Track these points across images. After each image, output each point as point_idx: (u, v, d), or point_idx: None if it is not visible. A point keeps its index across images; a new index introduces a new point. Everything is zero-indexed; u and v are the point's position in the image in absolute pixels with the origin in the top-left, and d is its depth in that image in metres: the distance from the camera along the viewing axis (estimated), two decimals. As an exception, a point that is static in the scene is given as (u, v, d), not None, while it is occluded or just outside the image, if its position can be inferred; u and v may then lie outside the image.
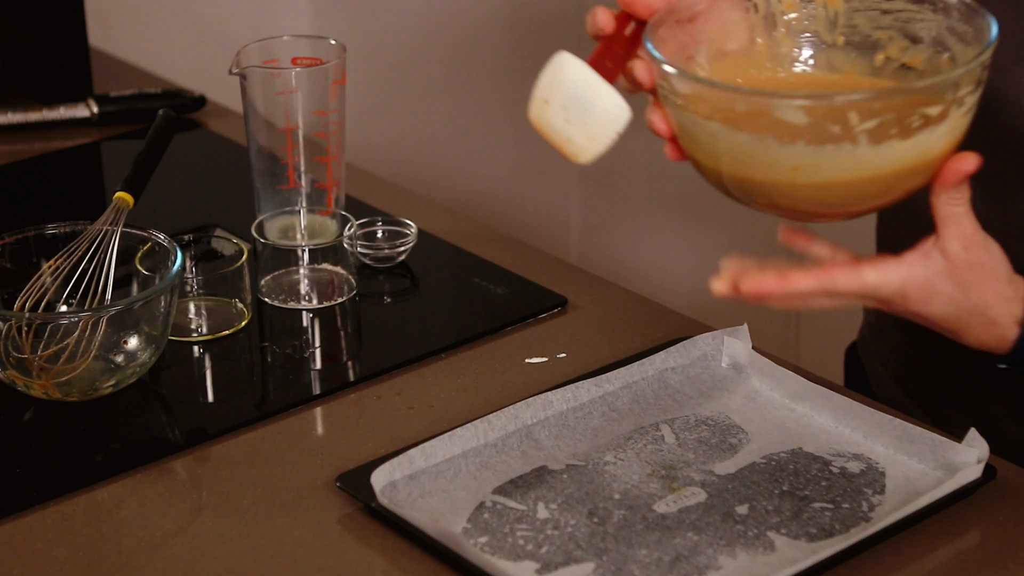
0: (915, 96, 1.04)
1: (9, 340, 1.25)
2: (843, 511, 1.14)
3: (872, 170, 1.05)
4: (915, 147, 1.05)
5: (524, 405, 1.22)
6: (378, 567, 1.11)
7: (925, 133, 1.04)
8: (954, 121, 1.05)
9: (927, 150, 1.05)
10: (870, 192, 1.06)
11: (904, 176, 1.06)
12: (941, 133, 1.05)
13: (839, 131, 1.03)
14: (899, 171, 1.05)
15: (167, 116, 1.52)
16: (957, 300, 1.10)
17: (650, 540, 1.11)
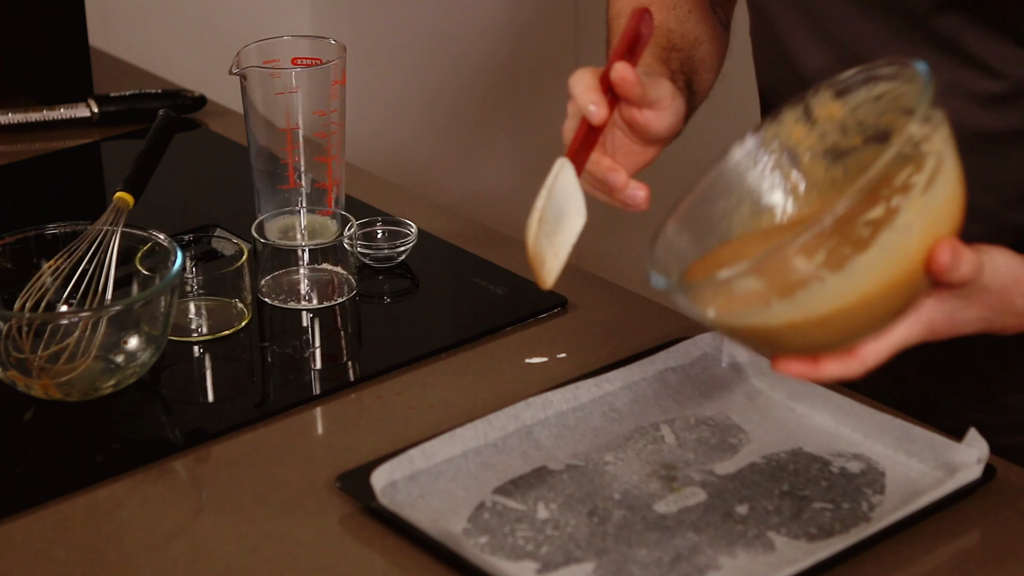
0: (851, 210, 1.01)
1: (9, 340, 1.25)
2: (843, 511, 1.14)
3: (856, 293, 1.01)
4: (883, 252, 1.01)
5: (524, 405, 1.22)
6: (378, 567, 1.11)
7: (885, 234, 1.01)
8: (917, 203, 1.01)
9: (900, 249, 1.02)
10: (873, 312, 1.03)
11: (896, 282, 1.02)
12: (905, 225, 1.01)
13: (798, 278, 1.02)
14: (885, 282, 1.02)
15: (167, 116, 1.52)
16: (985, 317, 1.09)
17: (650, 540, 1.11)
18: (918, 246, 1.02)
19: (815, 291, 1.01)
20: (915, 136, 1.02)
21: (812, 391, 1.23)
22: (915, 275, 1.03)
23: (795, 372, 1.06)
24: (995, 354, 1.35)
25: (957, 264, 1.03)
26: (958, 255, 1.03)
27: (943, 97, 1.06)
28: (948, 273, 1.03)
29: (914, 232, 1.02)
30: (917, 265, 1.02)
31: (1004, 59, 1.23)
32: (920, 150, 1.02)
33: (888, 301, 1.03)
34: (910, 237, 1.02)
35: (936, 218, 1.03)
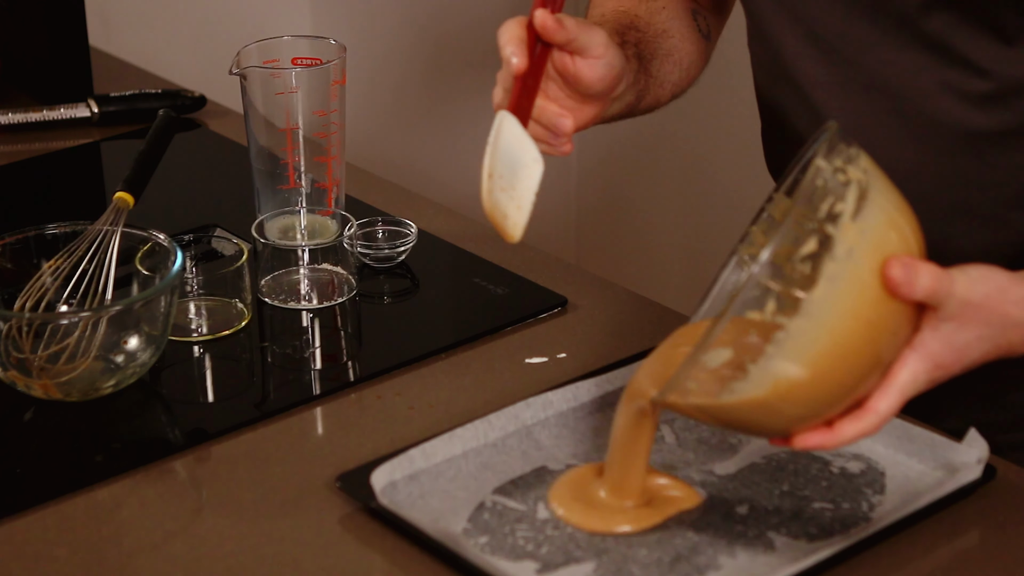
0: (783, 250, 1.03)
1: (9, 340, 1.25)
2: (843, 511, 1.13)
3: (826, 333, 1.02)
4: (833, 283, 1.01)
5: (524, 405, 1.22)
6: (378, 567, 1.11)
7: (828, 265, 1.02)
8: (850, 229, 1.02)
9: (850, 277, 1.02)
10: (862, 354, 1.03)
11: (866, 315, 1.02)
12: (846, 252, 1.02)
13: (757, 338, 1.03)
14: (852, 315, 1.02)
15: (167, 116, 1.52)
16: (985, 335, 1.08)
17: (650, 540, 1.11)
18: (870, 272, 1.02)
19: (785, 341, 1.02)
20: (824, 169, 1.03)
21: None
22: (885, 305, 1.03)
23: (814, 444, 1.06)
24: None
25: (912, 277, 1.03)
26: (911, 268, 1.03)
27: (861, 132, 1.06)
28: (905, 287, 1.03)
29: (859, 257, 1.02)
30: (882, 294, 1.03)
31: (992, 58, 1.23)
32: (836, 180, 1.04)
33: (870, 337, 1.03)
34: (857, 263, 1.02)
35: (880, 242, 1.03)
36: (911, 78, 1.26)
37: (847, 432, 1.06)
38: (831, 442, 1.06)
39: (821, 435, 1.06)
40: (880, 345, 1.04)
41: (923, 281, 1.04)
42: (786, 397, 1.03)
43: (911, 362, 1.06)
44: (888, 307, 1.03)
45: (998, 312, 1.08)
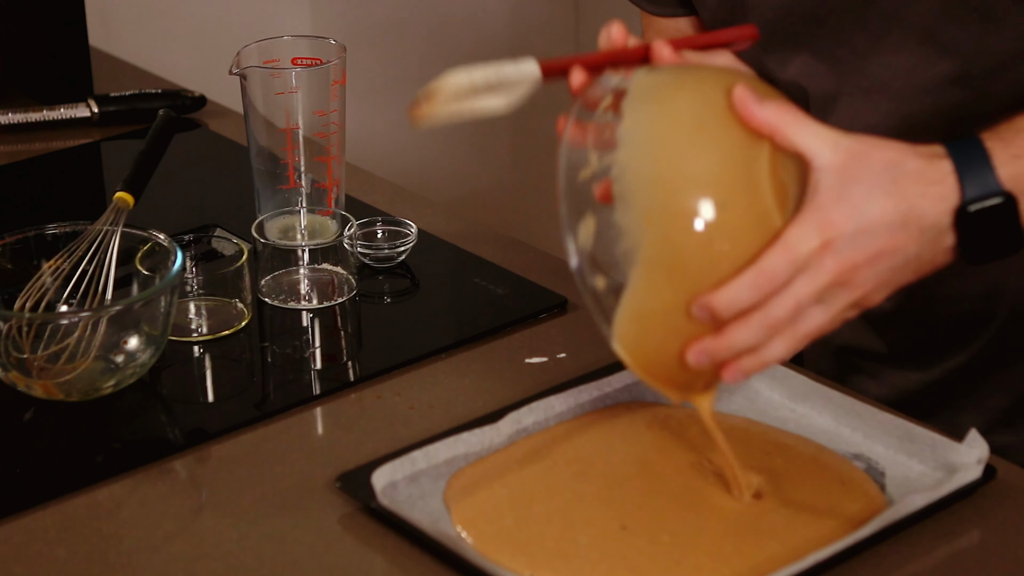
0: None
1: (9, 340, 1.25)
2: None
3: (650, 156, 1.05)
4: (634, 112, 1.06)
5: (527, 410, 1.22)
6: (378, 567, 1.11)
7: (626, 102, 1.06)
8: (628, 104, 1.06)
9: (644, 133, 1.05)
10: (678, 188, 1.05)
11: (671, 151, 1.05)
12: (632, 123, 1.05)
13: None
14: (668, 140, 1.05)
15: (167, 116, 1.52)
16: (871, 183, 1.04)
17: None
18: (672, 85, 1.07)
19: (622, 176, 1.04)
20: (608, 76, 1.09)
21: (813, 391, 1.23)
22: (702, 98, 1.05)
23: (706, 301, 1.03)
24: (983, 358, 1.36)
25: (755, 98, 1.03)
26: (754, 95, 1.03)
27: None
28: (745, 104, 1.03)
29: (656, 84, 1.06)
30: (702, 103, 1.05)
31: (978, 41, 1.23)
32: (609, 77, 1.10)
33: (711, 132, 1.04)
34: (655, 90, 1.06)
35: (678, 71, 1.08)
36: (909, 76, 1.26)
37: (737, 285, 1.02)
38: (719, 300, 1.03)
39: (711, 295, 1.03)
40: (725, 141, 1.04)
41: (771, 104, 1.04)
42: (667, 236, 1.04)
43: (797, 219, 1.03)
44: (711, 105, 1.05)
45: (878, 158, 1.05)
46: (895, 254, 1.06)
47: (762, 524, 1.11)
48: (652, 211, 1.04)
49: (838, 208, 1.03)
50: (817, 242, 1.03)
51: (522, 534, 1.10)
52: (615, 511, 1.13)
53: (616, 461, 1.17)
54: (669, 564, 1.07)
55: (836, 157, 1.04)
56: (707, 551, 1.08)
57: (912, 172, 1.05)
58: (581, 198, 1.08)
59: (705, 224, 1.03)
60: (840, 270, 1.04)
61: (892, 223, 1.05)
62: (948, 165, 1.06)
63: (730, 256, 1.03)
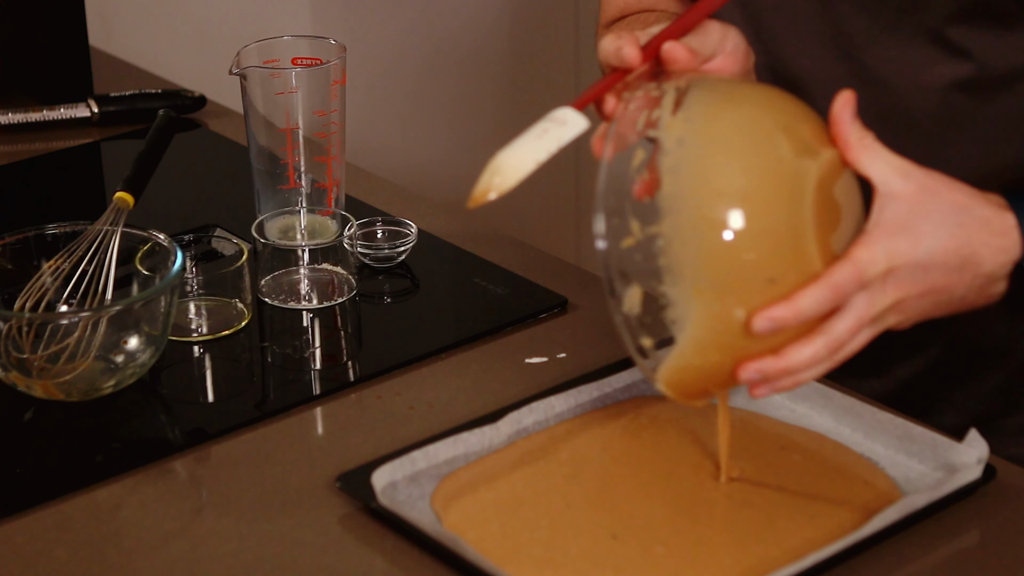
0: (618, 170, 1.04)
1: (9, 340, 1.25)
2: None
3: (696, 221, 1.02)
4: (675, 174, 1.02)
5: (528, 410, 1.21)
6: (378, 567, 1.11)
7: (663, 159, 1.02)
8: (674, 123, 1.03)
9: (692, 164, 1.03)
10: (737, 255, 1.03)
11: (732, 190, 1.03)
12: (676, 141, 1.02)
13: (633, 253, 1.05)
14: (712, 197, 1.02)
15: (167, 116, 1.52)
16: (938, 220, 1.06)
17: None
18: (714, 145, 1.03)
19: (668, 245, 1.02)
20: (629, 99, 1.06)
21: (813, 391, 1.23)
22: (755, 171, 1.02)
23: (773, 315, 1.03)
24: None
25: (847, 107, 1.04)
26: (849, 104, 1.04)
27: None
28: (841, 112, 1.03)
29: (694, 140, 1.03)
30: (744, 162, 1.03)
31: (990, 47, 1.23)
32: (649, 95, 1.05)
33: (753, 202, 1.02)
34: (692, 145, 1.03)
35: (714, 114, 1.04)
36: (913, 73, 1.26)
37: (805, 299, 1.02)
38: (790, 312, 1.02)
39: (777, 307, 1.02)
40: (770, 208, 1.03)
41: (857, 124, 1.04)
42: (716, 295, 1.03)
43: (866, 240, 1.04)
44: (757, 171, 1.03)
45: (947, 198, 1.07)
46: (944, 292, 1.08)
47: (761, 529, 1.11)
48: (702, 286, 1.03)
49: (903, 238, 1.05)
50: (884, 267, 1.04)
51: (509, 542, 1.09)
52: (607, 518, 1.12)
53: (611, 463, 1.17)
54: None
55: (906, 187, 1.05)
56: (703, 564, 1.07)
57: (979, 219, 1.08)
58: (625, 266, 1.05)
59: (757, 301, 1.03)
60: (897, 298, 1.06)
61: (950, 264, 1.07)
62: (1012, 219, 1.09)
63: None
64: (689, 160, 1.03)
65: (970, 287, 1.09)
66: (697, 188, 1.03)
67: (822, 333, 1.04)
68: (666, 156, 1.03)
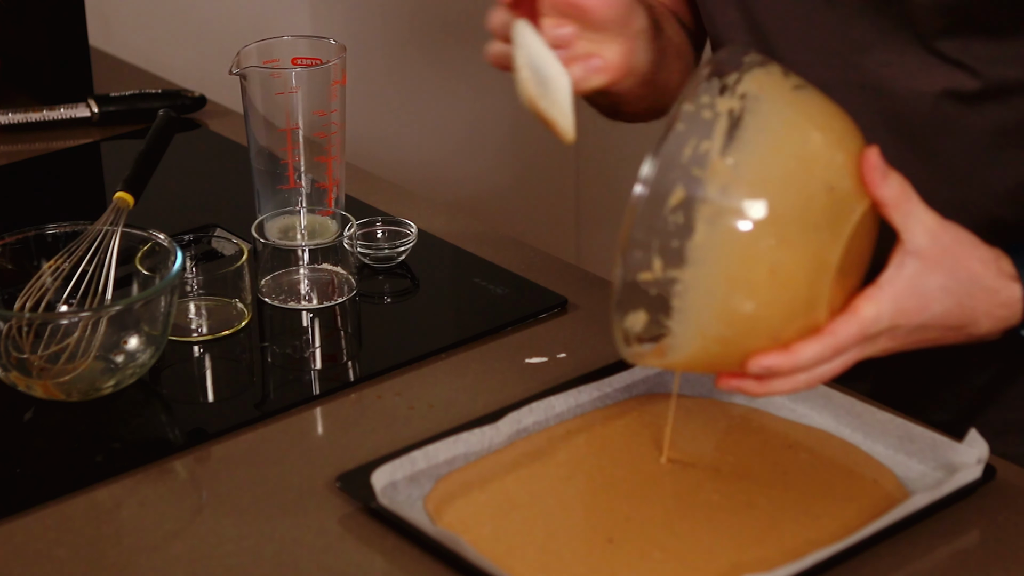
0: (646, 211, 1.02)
1: (9, 340, 1.25)
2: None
3: (722, 277, 1.02)
4: (712, 226, 1.02)
5: (528, 410, 1.21)
6: (378, 567, 1.11)
7: (700, 208, 1.01)
8: (720, 166, 1.01)
9: (729, 214, 1.02)
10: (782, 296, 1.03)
11: (761, 249, 1.02)
12: (720, 190, 1.01)
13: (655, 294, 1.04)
14: (742, 252, 1.02)
15: (167, 116, 1.52)
16: (950, 288, 1.09)
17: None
18: (754, 205, 1.01)
19: (685, 293, 1.02)
20: (685, 111, 1.02)
21: (813, 391, 1.23)
22: (785, 239, 1.02)
23: (768, 363, 1.05)
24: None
25: (886, 171, 1.04)
26: (885, 165, 1.04)
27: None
28: (878, 174, 1.04)
29: (736, 193, 1.01)
30: (777, 228, 1.02)
31: (984, 57, 1.23)
32: (700, 117, 1.02)
33: (780, 272, 1.02)
34: (733, 200, 1.01)
35: (764, 172, 1.02)
36: (907, 79, 1.26)
37: (806, 352, 1.05)
38: (788, 364, 1.05)
39: (776, 356, 1.05)
40: (795, 280, 1.03)
41: (895, 179, 1.05)
42: (719, 341, 1.03)
43: (876, 295, 1.07)
44: (789, 241, 1.02)
45: (964, 265, 1.09)
46: (936, 342, 1.12)
47: (763, 531, 1.11)
48: (707, 332, 1.04)
49: (912, 299, 1.08)
50: (887, 325, 1.08)
51: (501, 545, 1.09)
52: (603, 521, 1.11)
53: (609, 464, 1.17)
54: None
55: (931, 249, 1.08)
56: (701, 569, 1.07)
57: (987, 289, 1.11)
58: (636, 294, 1.05)
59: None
60: (891, 348, 1.10)
61: (948, 325, 1.11)
62: (1019, 292, 1.12)
63: None
64: (727, 215, 1.02)
65: (962, 339, 1.13)
66: (730, 249, 1.02)
67: (807, 372, 1.07)
68: (705, 205, 1.01)
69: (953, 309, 1.10)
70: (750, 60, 1.06)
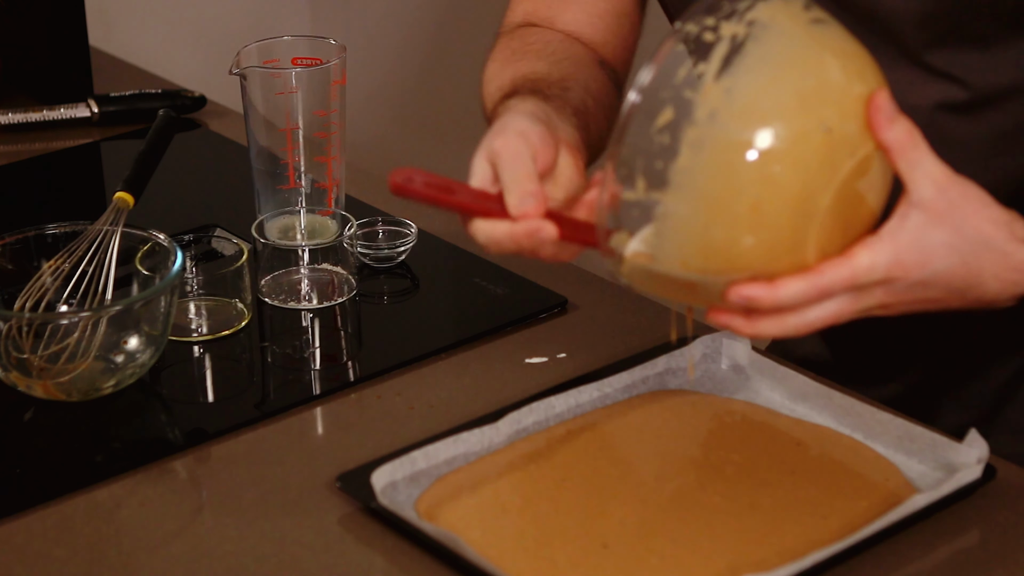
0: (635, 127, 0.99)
1: (9, 340, 1.25)
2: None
3: (704, 203, 0.99)
4: (697, 150, 0.98)
5: (528, 410, 1.21)
6: (378, 567, 1.11)
7: (688, 131, 0.98)
8: (712, 91, 0.97)
9: (719, 141, 0.98)
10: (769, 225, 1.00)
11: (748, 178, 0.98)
12: (708, 115, 0.97)
13: (637, 214, 1.01)
14: (727, 180, 0.99)
15: (167, 116, 1.52)
16: (955, 245, 1.04)
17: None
18: (741, 135, 0.98)
19: (667, 217, 0.99)
20: (683, 31, 0.99)
21: (813, 391, 1.23)
22: (769, 173, 0.98)
23: (747, 295, 1.01)
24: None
25: (894, 113, 1.00)
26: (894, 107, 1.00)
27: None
28: (885, 115, 1.00)
29: (724, 120, 0.98)
30: (760, 162, 0.98)
31: (972, 68, 1.23)
32: (703, 40, 0.99)
33: (758, 207, 0.99)
34: (720, 127, 0.98)
35: (757, 104, 0.98)
36: (900, 95, 1.26)
37: (790, 288, 1.01)
38: (768, 298, 1.01)
39: (757, 287, 1.01)
40: (778, 219, 0.99)
41: (902, 124, 1.01)
42: (700, 271, 1.01)
43: (874, 246, 1.02)
44: (774, 178, 0.99)
45: (973, 224, 1.04)
46: (939, 303, 1.07)
47: (764, 534, 1.10)
48: (688, 262, 1.01)
49: (913, 254, 1.03)
50: (882, 275, 1.03)
51: (492, 551, 1.08)
52: (598, 526, 1.10)
53: (607, 465, 1.17)
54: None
55: (937, 202, 1.03)
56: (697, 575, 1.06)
57: (997, 251, 1.05)
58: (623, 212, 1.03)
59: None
60: (886, 302, 1.05)
61: (953, 286, 1.05)
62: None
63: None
64: (714, 142, 0.98)
65: (969, 304, 1.08)
66: (711, 177, 0.99)
67: (795, 313, 1.03)
68: (693, 127, 0.98)
69: (957, 268, 1.04)
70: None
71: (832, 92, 1.01)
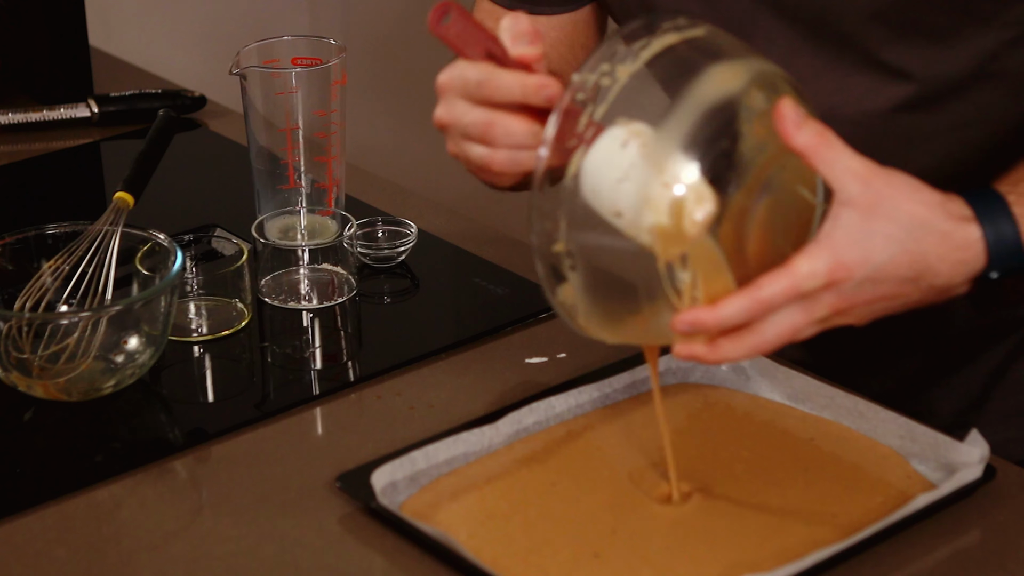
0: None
1: (9, 340, 1.25)
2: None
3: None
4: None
5: (528, 410, 1.21)
6: (378, 567, 1.11)
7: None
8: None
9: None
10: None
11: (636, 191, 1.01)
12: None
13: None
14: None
15: (167, 116, 1.52)
16: (891, 234, 1.02)
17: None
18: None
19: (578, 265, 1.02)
20: (577, 83, 1.02)
21: (815, 391, 1.23)
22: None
23: (691, 319, 1.01)
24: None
25: (801, 120, 1.00)
26: (802, 114, 1.00)
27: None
28: (786, 123, 0.99)
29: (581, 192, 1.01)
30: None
31: (922, 61, 1.23)
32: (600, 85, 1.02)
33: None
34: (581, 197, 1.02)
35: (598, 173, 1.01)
36: (856, 103, 1.25)
37: (730, 306, 1.00)
38: (712, 318, 1.00)
39: (701, 310, 1.00)
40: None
41: (811, 127, 1.00)
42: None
43: (811, 251, 1.01)
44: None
45: (905, 209, 1.03)
46: (897, 299, 1.05)
47: (763, 540, 1.10)
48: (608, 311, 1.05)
49: (852, 252, 1.01)
50: (824, 281, 1.01)
51: (483, 558, 1.07)
52: (590, 534, 1.09)
53: (604, 466, 1.16)
54: None
55: (864, 196, 1.02)
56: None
57: (938, 233, 1.04)
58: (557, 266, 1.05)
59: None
60: (839, 306, 1.03)
61: (902, 276, 1.04)
62: (976, 232, 1.05)
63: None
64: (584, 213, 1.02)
65: (927, 294, 1.06)
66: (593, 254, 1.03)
67: (751, 332, 1.02)
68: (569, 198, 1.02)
69: (899, 256, 1.03)
70: (667, 26, 1.04)
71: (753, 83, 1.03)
